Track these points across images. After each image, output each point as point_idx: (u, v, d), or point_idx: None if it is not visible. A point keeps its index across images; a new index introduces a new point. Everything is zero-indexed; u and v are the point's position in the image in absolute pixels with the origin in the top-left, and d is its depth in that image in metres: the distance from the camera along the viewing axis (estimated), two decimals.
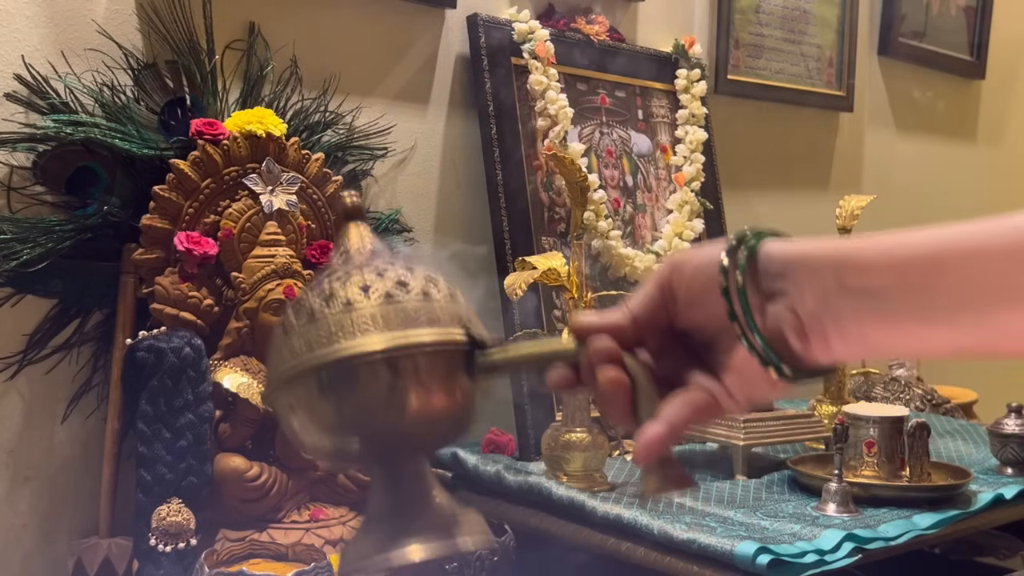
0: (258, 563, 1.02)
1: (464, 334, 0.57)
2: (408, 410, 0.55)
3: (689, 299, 0.55)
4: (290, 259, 1.17)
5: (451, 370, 0.56)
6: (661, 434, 0.54)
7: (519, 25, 1.54)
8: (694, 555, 1.01)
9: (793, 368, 0.53)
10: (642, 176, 1.68)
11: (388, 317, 0.55)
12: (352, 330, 0.55)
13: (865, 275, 0.51)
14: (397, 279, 0.57)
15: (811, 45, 2.09)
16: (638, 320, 0.57)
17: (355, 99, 1.43)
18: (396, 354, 0.55)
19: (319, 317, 0.56)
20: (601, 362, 0.55)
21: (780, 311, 0.52)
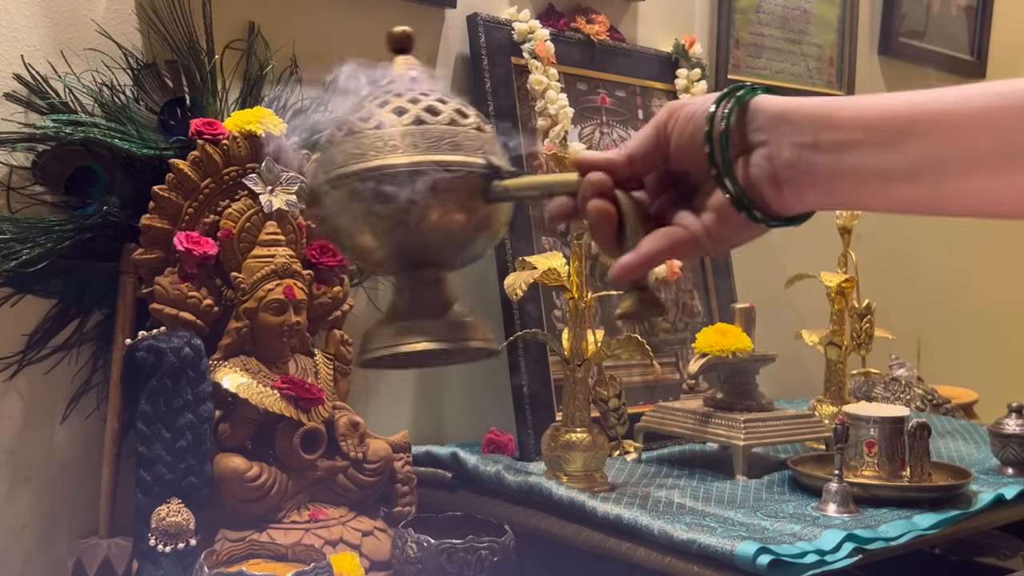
0: (258, 563, 1.02)
1: (483, 161, 0.64)
2: (425, 222, 0.62)
3: (680, 143, 0.60)
4: (290, 259, 1.17)
5: (467, 191, 0.63)
6: (635, 261, 0.60)
7: (519, 25, 1.54)
8: (694, 555, 1.01)
9: (765, 213, 0.58)
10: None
11: (415, 138, 0.63)
12: (381, 147, 0.62)
13: (838, 131, 0.55)
14: (428, 106, 0.64)
15: (811, 45, 2.09)
16: (634, 159, 0.62)
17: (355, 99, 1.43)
18: (417, 170, 0.62)
19: (356, 132, 0.64)
20: (593, 194, 0.61)
21: (758, 160, 0.57)
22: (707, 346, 1.37)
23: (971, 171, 0.52)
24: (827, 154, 0.55)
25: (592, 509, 1.12)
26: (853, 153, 0.55)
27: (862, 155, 0.54)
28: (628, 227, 0.61)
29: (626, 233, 0.61)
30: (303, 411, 1.14)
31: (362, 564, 1.11)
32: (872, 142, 0.54)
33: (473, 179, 0.63)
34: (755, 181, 0.57)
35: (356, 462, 1.18)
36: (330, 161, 0.64)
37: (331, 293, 1.25)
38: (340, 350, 1.24)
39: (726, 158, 0.58)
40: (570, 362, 1.24)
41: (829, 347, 1.58)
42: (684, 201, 0.62)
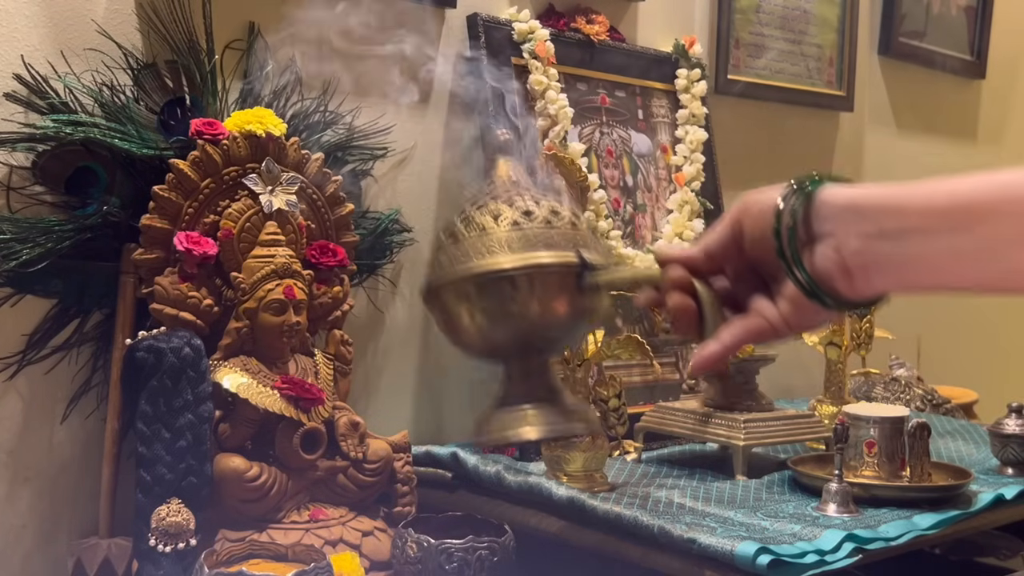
0: (258, 563, 1.02)
1: (576, 258, 0.70)
2: (528, 316, 0.69)
3: (753, 236, 0.64)
4: (290, 259, 1.17)
5: (563, 287, 0.70)
6: (714, 352, 0.64)
7: (519, 25, 1.54)
8: (694, 555, 1.01)
9: (836, 300, 0.60)
10: (642, 176, 1.68)
11: (513, 241, 0.70)
12: (483, 251, 0.70)
13: (903, 219, 0.57)
14: (524, 209, 0.72)
15: (811, 45, 2.09)
16: (711, 252, 0.66)
17: (355, 99, 1.43)
18: (517, 272, 0.69)
19: (460, 238, 0.72)
20: (674, 288, 0.66)
21: (826, 251, 0.60)
22: None
23: None
24: (893, 242, 0.57)
25: (592, 509, 1.12)
26: (919, 240, 0.56)
27: (928, 241, 0.56)
28: (707, 318, 0.65)
29: (706, 324, 0.65)
30: (303, 411, 1.14)
31: (362, 564, 1.11)
32: (937, 228, 0.56)
33: (568, 275, 0.70)
34: (824, 271, 0.60)
35: (356, 462, 1.18)
36: (438, 264, 0.72)
37: (331, 293, 1.25)
38: (340, 350, 1.24)
39: (794, 252, 0.60)
40: (570, 362, 1.24)
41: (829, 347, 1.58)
42: (763, 287, 0.65)
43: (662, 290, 0.66)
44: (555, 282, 0.69)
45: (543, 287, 0.69)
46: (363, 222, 1.40)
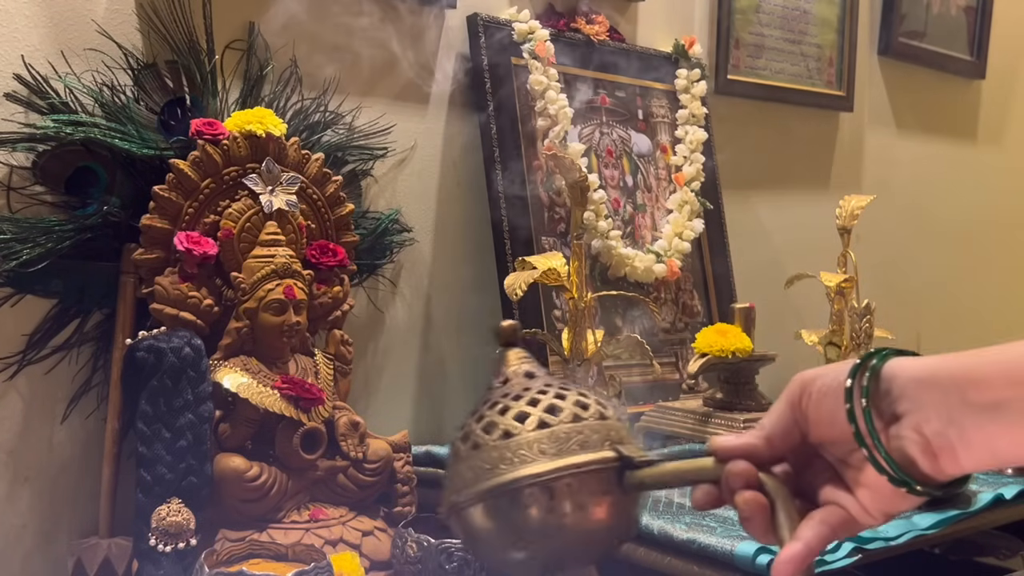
0: (258, 563, 1.02)
1: (614, 454, 0.62)
2: (567, 528, 0.61)
3: (819, 418, 0.58)
4: (290, 259, 1.17)
5: (603, 489, 0.62)
6: (800, 553, 0.56)
7: (519, 25, 1.54)
8: (694, 555, 1.01)
9: (924, 484, 0.55)
10: (642, 176, 1.69)
11: (542, 444, 0.62)
12: (511, 459, 0.62)
13: (988, 391, 0.52)
14: (549, 405, 0.64)
15: (811, 45, 2.09)
16: (772, 440, 0.60)
17: (355, 99, 1.43)
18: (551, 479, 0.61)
19: (482, 446, 0.63)
20: (739, 485, 0.58)
21: (905, 431, 0.54)
22: (707, 346, 1.37)
23: None
24: (979, 415, 0.52)
25: None
26: (1005, 411, 0.52)
27: (1015, 412, 0.52)
28: (782, 515, 0.58)
29: (779, 520, 0.58)
30: (303, 411, 1.15)
31: (362, 564, 1.11)
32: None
33: (606, 475, 0.62)
34: (907, 454, 0.54)
35: (356, 462, 1.18)
36: (459, 478, 0.64)
37: (331, 293, 1.25)
38: (340, 350, 1.24)
39: (875, 437, 0.55)
40: (570, 362, 1.24)
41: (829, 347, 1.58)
42: (832, 474, 0.59)
43: (725, 488, 0.60)
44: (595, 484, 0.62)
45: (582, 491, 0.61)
46: (363, 222, 1.40)
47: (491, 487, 0.62)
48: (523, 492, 0.61)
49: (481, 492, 0.62)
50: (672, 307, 1.68)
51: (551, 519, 0.61)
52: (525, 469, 0.61)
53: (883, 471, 0.55)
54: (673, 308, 1.68)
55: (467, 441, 0.65)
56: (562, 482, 0.61)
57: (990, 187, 2.63)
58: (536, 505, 0.61)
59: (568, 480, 0.61)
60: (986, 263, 2.62)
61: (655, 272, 1.61)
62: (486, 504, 0.62)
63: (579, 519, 0.61)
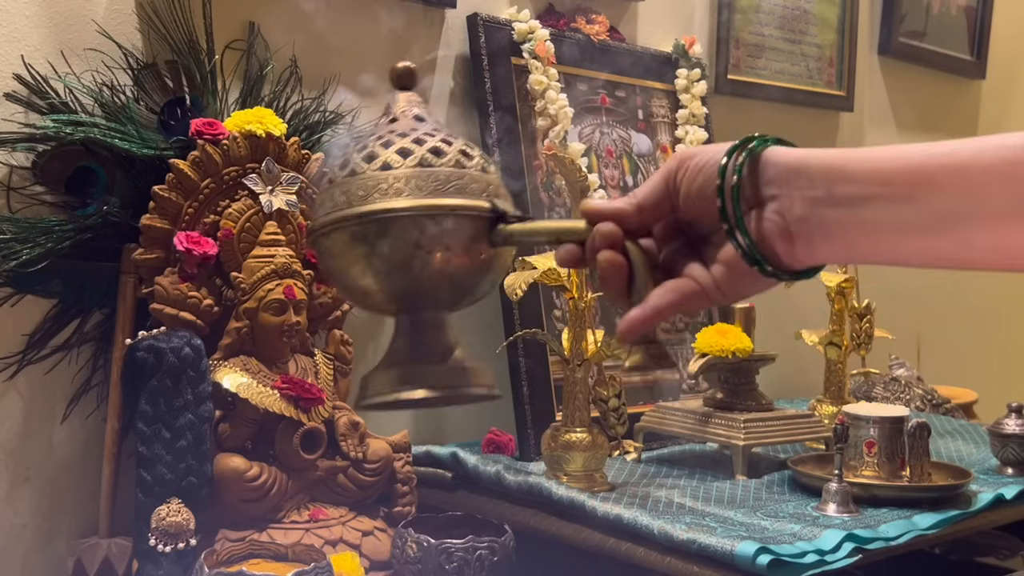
0: (258, 563, 1.02)
1: (488, 204, 0.63)
2: (429, 266, 0.61)
3: (690, 193, 0.59)
4: (290, 259, 1.17)
5: (472, 235, 0.62)
6: (644, 316, 0.59)
7: (519, 25, 1.54)
8: (694, 555, 1.01)
9: (776, 267, 0.57)
10: (642, 176, 1.68)
11: (420, 181, 0.62)
12: (386, 190, 0.61)
13: (852, 185, 0.54)
14: (433, 147, 0.63)
15: (811, 45, 2.09)
16: (643, 208, 0.61)
17: (355, 99, 1.43)
18: (422, 214, 0.61)
19: (359, 173, 0.62)
20: (603, 245, 0.60)
21: (770, 215, 0.56)
22: (707, 346, 1.37)
23: (989, 226, 0.51)
24: (841, 208, 0.54)
25: (592, 509, 1.12)
26: (868, 207, 0.54)
27: (877, 209, 0.53)
28: (637, 280, 0.60)
29: (635, 285, 0.60)
30: (303, 411, 1.15)
31: (362, 564, 1.11)
32: (887, 196, 0.53)
33: (478, 224, 0.62)
34: (767, 235, 0.57)
35: (356, 462, 1.18)
36: (331, 201, 0.63)
37: (331, 293, 1.25)
38: (340, 350, 1.24)
39: (739, 213, 0.57)
40: (570, 362, 1.24)
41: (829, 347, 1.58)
42: (693, 250, 0.61)
43: (588, 247, 0.61)
44: (465, 229, 0.61)
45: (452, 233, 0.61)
46: None
47: (362, 212, 0.61)
48: (392, 222, 0.61)
49: (351, 216, 0.61)
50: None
51: (414, 254, 0.61)
52: (399, 201, 0.61)
53: (739, 247, 0.57)
54: None
55: (345, 168, 0.64)
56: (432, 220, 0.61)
57: None
58: (402, 238, 0.60)
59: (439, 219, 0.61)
60: None
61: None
62: (353, 230, 0.61)
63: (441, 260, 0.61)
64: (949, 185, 0.51)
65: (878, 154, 0.54)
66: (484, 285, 0.66)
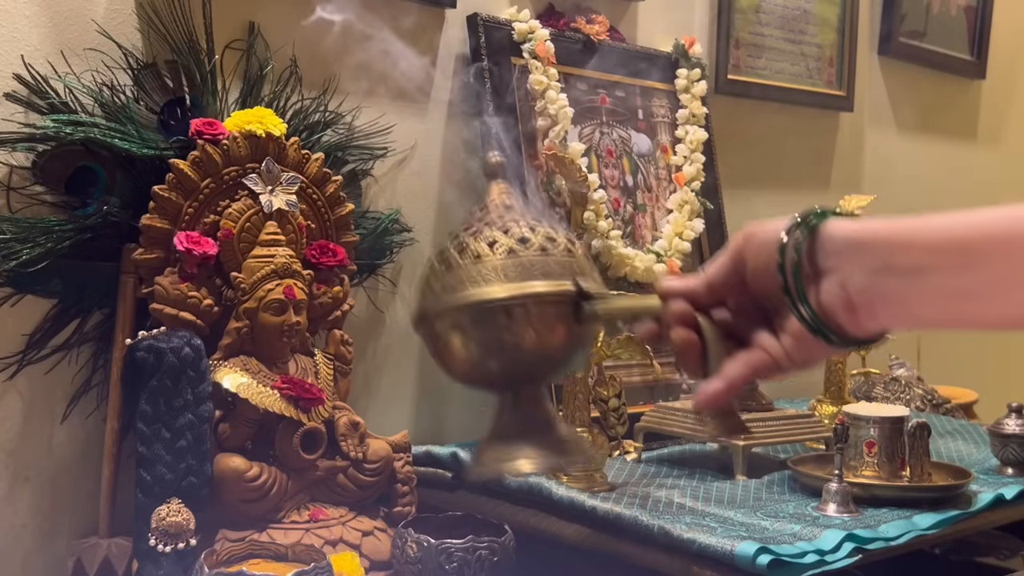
0: (258, 563, 1.02)
1: (572, 286, 0.68)
2: (522, 348, 0.67)
3: (756, 270, 0.63)
4: (290, 259, 1.17)
5: (559, 316, 0.68)
6: (719, 389, 0.62)
7: (519, 25, 1.54)
8: (694, 555, 1.01)
9: (841, 336, 0.60)
10: (642, 176, 1.68)
11: (509, 270, 0.68)
12: (479, 280, 0.68)
13: (909, 256, 0.56)
14: (520, 236, 0.70)
15: (811, 45, 2.09)
16: (712, 285, 0.65)
17: (355, 99, 1.43)
18: (512, 302, 0.67)
19: (454, 266, 0.69)
20: (676, 323, 0.64)
21: (831, 287, 0.59)
22: None
23: None
24: (899, 278, 0.57)
25: (592, 509, 1.12)
26: (924, 277, 0.56)
27: (933, 278, 0.56)
28: (710, 353, 0.63)
29: (709, 359, 0.63)
30: (303, 411, 1.14)
31: (362, 564, 1.11)
32: (941, 266, 0.55)
33: (564, 304, 0.68)
34: (830, 307, 0.59)
35: (356, 462, 1.18)
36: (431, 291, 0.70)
37: (331, 293, 1.25)
38: (340, 350, 1.24)
39: (800, 289, 0.59)
40: None
41: None
42: (765, 320, 0.64)
43: (663, 323, 0.65)
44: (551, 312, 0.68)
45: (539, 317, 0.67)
46: (363, 222, 1.40)
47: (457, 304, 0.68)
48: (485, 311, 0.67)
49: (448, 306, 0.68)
50: None
51: (507, 339, 0.67)
52: (488, 290, 0.67)
53: (803, 321, 0.60)
54: None
55: (443, 260, 0.70)
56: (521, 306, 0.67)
57: (990, 187, 2.63)
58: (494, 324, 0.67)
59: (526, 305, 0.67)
60: None
61: (655, 272, 1.61)
62: (452, 318, 0.68)
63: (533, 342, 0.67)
64: (996, 255, 0.54)
65: (929, 225, 0.57)
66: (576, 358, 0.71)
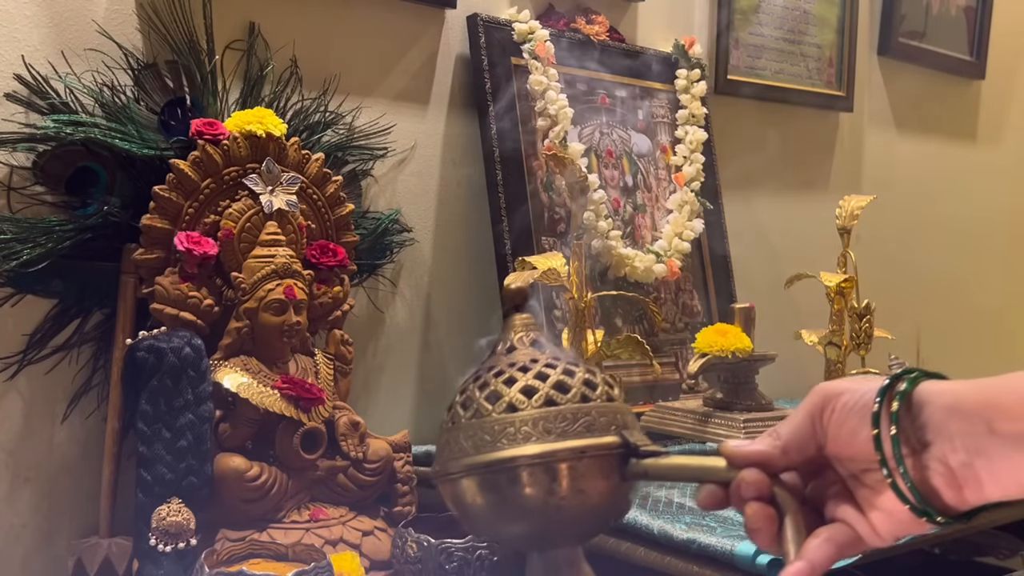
0: (258, 563, 1.02)
1: (618, 441, 0.61)
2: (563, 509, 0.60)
3: (839, 435, 0.56)
4: (290, 259, 1.17)
5: (604, 473, 0.60)
6: (803, 570, 0.55)
7: (519, 25, 1.54)
8: (694, 555, 1.01)
9: (945, 515, 0.54)
10: (642, 176, 1.69)
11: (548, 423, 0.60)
12: (514, 434, 0.60)
13: (1014, 421, 0.51)
14: (557, 382, 0.61)
15: (811, 45, 2.09)
16: (788, 450, 0.58)
17: (355, 99, 1.43)
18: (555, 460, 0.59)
19: (484, 416, 0.61)
20: (751, 495, 0.57)
21: (931, 462, 0.53)
22: (707, 346, 1.37)
23: None
24: (1006, 446, 0.52)
25: None
26: None
27: None
28: (790, 529, 0.57)
29: (787, 534, 0.57)
30: (303, 411, 1.15)
31: (362, 564, 1.11)
32: None
33: (609, 460, 0.61)
34: (931, 484, 0.54)
35: (356, 462, 1.18)
36: (457, 446, 0.62)
37: (331, 293, 1.25)
38: (340, 350, 1.24)
39: (903, 467, 0.53)
40: None
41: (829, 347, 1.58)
42: (841, 486, 0.58)
43: (733, 493, 0.58)
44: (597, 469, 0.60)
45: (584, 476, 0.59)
46: (363, 222, 1.40)
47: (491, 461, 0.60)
48: (523, 470, 0.59)
49: (479, 464, 0.60)
50: (672, 307, 1.68)
51: (549, 500, 0.59)
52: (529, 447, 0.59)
53: (907, 501, 0.54)
54: (673, 308, 1.68)
55: (468, 408, 0.62)
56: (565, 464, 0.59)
57: (990, 187, 2.63)
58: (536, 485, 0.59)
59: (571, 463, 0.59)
60: (986, 263, 2.62)
61: (655, 272, 1.61)
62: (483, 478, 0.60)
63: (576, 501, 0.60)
64: None
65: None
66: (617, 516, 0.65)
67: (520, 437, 0.60)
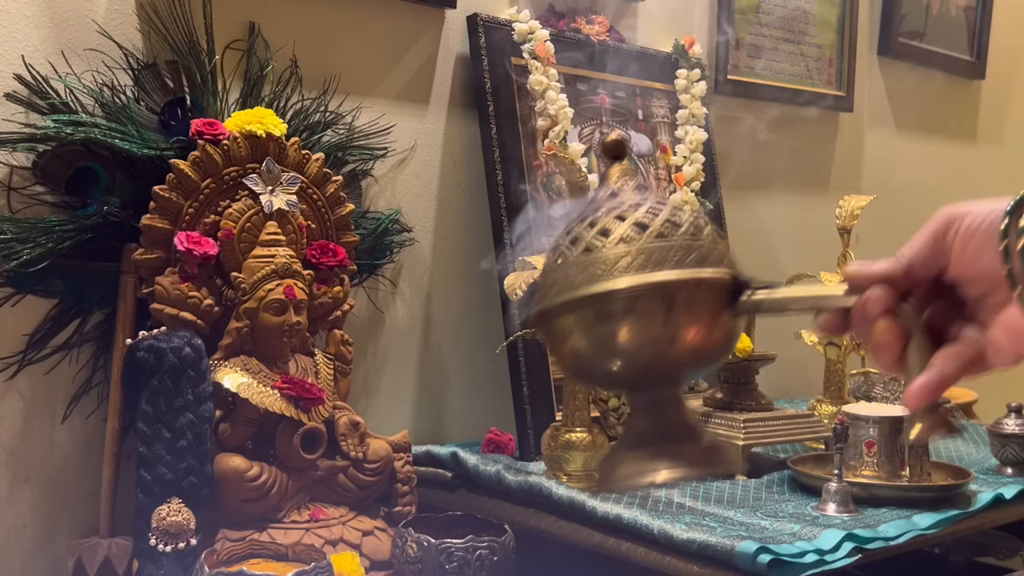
0: (258, 563, 1.02)
1: (733, 273, 0.60)
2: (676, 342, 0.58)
3: (963, 255, 0.56)
4: (290, 259, 1.17)
5: (717, 306, 0.59)
6: (933, 383, 0.55)
7: (519, 25, 1.54)
8: (694, 555, 1.01)
9: None
10: (642, 176, 1.68)
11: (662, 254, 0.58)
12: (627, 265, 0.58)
13: None
14: (668, 218, 0.60)
15: (811, 45, 2.09)
16: (911, 270, 0.58)
17: (355, 99, 1.43)
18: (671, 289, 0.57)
19: (594, 250, 0.59)
20: (876, 312, 0.57)
21: None
22: None
23: None
24: None
25: (592, 509, 1.12)
26: None
27: None
28: (916, 346, 0.57)
29: (913, 351, 0.57)
30: (303, 411, 1.15)
31: (362, 564, 1.11)
32: None
33: (722, 294, 0.59)
34: None
35: (356, 462, 1.18)
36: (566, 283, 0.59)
37: (331, 293, 1.25)
38: (340, 350, 1.24)
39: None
40: None
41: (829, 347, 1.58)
42: (957, 310, 0.58)
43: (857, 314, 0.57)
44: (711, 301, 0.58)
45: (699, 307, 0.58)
46: (363, 222, 1.40)
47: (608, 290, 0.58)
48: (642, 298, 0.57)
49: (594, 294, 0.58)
50: None
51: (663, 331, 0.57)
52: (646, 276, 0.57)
53: None
54: None
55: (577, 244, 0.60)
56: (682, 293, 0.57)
57: (990, 187, 2.63)
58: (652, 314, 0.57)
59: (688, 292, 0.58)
60: None
61: None
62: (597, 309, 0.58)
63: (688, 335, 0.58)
64: None
65: None
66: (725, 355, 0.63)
67: (636, 267, 0.58)
